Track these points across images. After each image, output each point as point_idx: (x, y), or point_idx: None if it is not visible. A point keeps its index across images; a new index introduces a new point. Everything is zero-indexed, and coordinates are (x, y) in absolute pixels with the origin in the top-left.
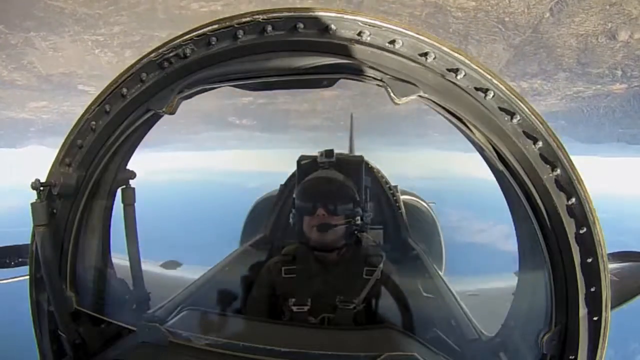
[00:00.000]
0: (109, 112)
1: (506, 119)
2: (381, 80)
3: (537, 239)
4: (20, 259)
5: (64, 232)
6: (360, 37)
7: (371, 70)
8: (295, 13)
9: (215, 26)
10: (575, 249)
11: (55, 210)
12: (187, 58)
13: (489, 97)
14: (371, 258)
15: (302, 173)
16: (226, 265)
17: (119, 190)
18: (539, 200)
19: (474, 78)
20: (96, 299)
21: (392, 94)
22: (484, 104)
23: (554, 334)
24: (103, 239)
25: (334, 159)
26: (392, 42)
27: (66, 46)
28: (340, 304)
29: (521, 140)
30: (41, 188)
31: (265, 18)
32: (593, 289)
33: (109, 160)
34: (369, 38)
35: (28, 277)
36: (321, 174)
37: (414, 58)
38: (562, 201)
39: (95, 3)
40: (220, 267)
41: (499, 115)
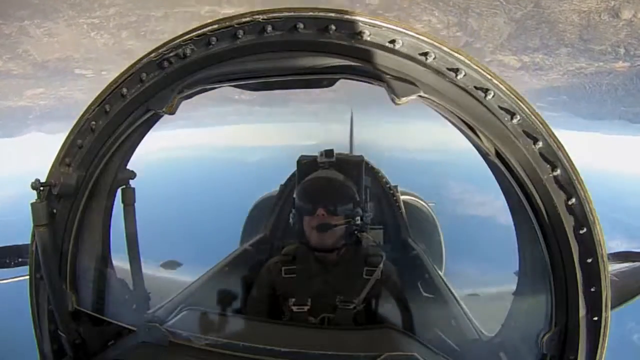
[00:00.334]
0: (109, 112)
1: (506, 119)
2: (381, 80)
3: (537, 239)
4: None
5: (64, 232)
6: (360, 37)
7: (371, 70)
8: (295, 13)
9: (215, 26)
10: (575, 249)
11: (55, 210)
12: (187, 58)
13: (489, 97)
14: (371, 258)
15: (302, 173)
16: (226, 265)
17: (119, 190)
18: (539, 200)
19: (474, 78)
20: (96, 299)
21: (392, 94)
22: (484, 104)
23: (554, 334)
24: (103, 239)
25: (334, 159)
26: (392, 42)
27: (61, 31)
28: (340, 304)
29: (521, 140)
30: (41, 188)
31: (265, 18)
32: (593, 289)
33: (109, 160)
34: (369, 38)
35: (28, 277)
36: (321, 174)
37: (414, 58)
38: (562, 201)
39: None
40: (220, 267)
41: (499, 115)
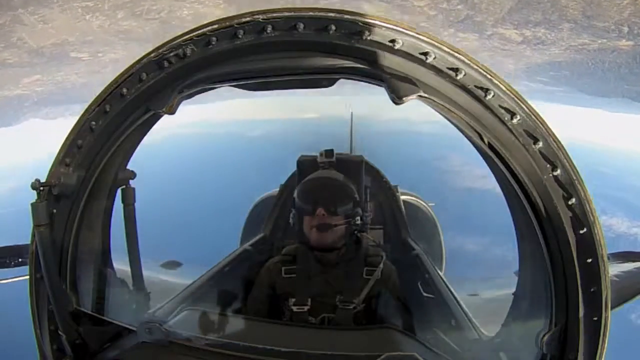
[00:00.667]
0: (109, 112)
1: (506, 118)
2: (381, 80)
3: (537, 239)
4: (20, 259)
5: (64, 232)
6: (360, 37)
7: (371, 70)
8: (295, 13)
9: (215, 26)
10: (575, 249)
11: (55, 210)
12: (187, 58)
13: (489, 97)
14: (371, 258)
15: (302, 173)
16: (226, 265)
17: (119, 190)
18: (539, 200)
19: (474, 78)
20: (96, 299)
21: (393, 94)
22: (484, 104)
23: (553, 334)
24: (103, 239)
25: (334, 159)
26: (392, 42)
27: (56, 17)
28: (340, 304)
29: (521, 140)
30: (41, 188)
31: (265, 18)
32: (593, 289)
33: (109, 160)
34: (369, 38)
35: (28, 277)
36: (321, 174)
37: (414, 58)
38: (562, 201)
39: None
40: (220, 267)
41: (499, 114)
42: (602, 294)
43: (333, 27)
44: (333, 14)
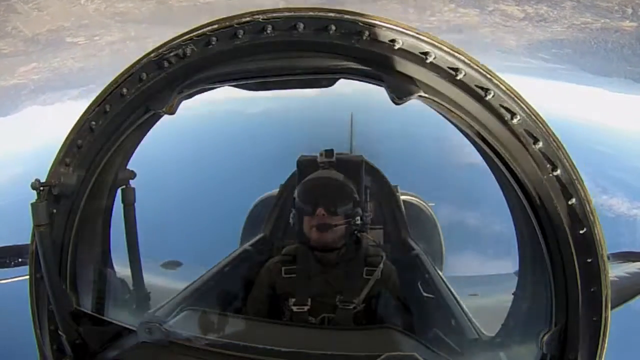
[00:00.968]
0: (109, 112)
1: (506, 118)
2: (381, 80)
3: (537, 239)
4: (20, 259)
5: (64, 232)
6: (360, 37)
7: (371, 70)
8: (295, 13)
9: (215, 26)
10: (575, 249)
11: (55, 210)
12: (187, 58)
13: (489, 97)
14: (371, 258)
15: (302, 173)
16: (226, 265)
17: (119, 190)
18: (539, 200)
19: (474, 78)
20: (96, 299)
21: (392, 94)
22: (484, 104)
23: (554, 334)
24: (103, 238)
25: (334, 159)
26: (392, 42)
27: (50, 3)
28: (340, 304)
29: (521, 140)
30: (41, 188)
31: (265, 18)
32: (593, 289)
33: (109, 160)
34: (369, 38)
35: (28, 277)
36: (321, 174)
37: (414, 58)
38: (562, 201)
39: None
40: (220, 267)
41: (499, 114)
42: (602, 294)
43: (333, 27)
44: (333, 14)
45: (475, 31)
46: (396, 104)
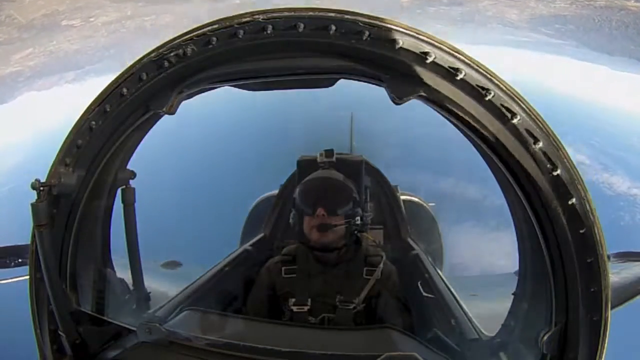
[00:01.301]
0: (109, 112)
1: (506, 118)
2: (381, 80)
3: (537, 239)
4: (20, 259)
5: (64, 232)
6: (360, 37)
7: (371, 70)
8: (295, 13)
9: (215, 26)
10: (575, 249)
11: (55, 210)
12: (187, 58)
13: (489, 97)
14: (371, 258)
15: (302, 173)
16: (226, 265)
17: (119, 190)
18: (539, 200)
19: (474, 77)
20: (96, 299)
21: (393, 94)
22: (484, 104)
23: (554, 334)
24: (103, 239)
25: (334, 159)
26: (392, 42)
27: None
28: (340, 304)
29: (522, 139)
30: (41, 188)
31: (265, 18)
32: (593, 289)
33: (109, 160)
34: (369, 38)
35: (28, 277)
36: (321, 174)
37: (414, 58)
38: (563, 201)
39: None
40: (220, 267)
41: (499, 114)
42: (602, 294)
43: (333, 27)
44: (333, 14)
45: (476, 4)
46: (396, 104)
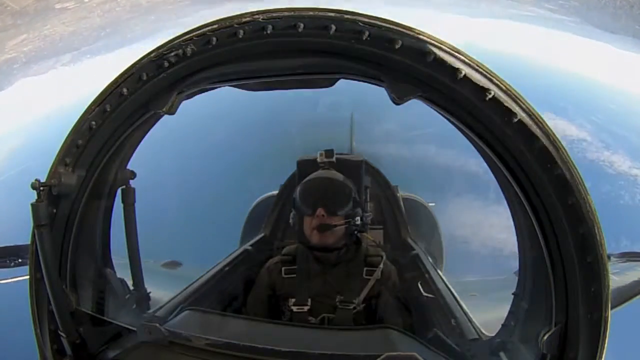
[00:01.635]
0: (109, 112)
1: (506, 118)
2: (381, 80)
3: (537, 238)
4: (20, 259)
5: (64, 232)
6: (360, 37)
7: (371, 70)
8: (295, 13)
9: (215, 26)
10: (575, 249)
11: (55, 210)
12: (187, 58)
13: (489, 97)
14: (371, 258)
15: (302, 173)
16: (226, 265)
17: (119, 190)
18: (538, 200)
19: (474, 77)
20: (96, 299)
21: (392, 94)
22: (484, 104)
23: (553, 334)
24: (103, 239)
25: (333, 160)
26: (392, 42)
27: None
28: (340, 304)
29: (521, 139)
30: (41, 188)
31: (265, 18)
32: (593, 289)
33: (109, 160)
34: (369, 38)
35: (28, 277)
36: (321, 174)
37: (414, 58)
38: (563, 201)
39: None
40: (220, 267)
41: (499, 114)
42: (602, 293)
43: (333, 27)
44: (333, 14)
45: None
46: (396, 104)
